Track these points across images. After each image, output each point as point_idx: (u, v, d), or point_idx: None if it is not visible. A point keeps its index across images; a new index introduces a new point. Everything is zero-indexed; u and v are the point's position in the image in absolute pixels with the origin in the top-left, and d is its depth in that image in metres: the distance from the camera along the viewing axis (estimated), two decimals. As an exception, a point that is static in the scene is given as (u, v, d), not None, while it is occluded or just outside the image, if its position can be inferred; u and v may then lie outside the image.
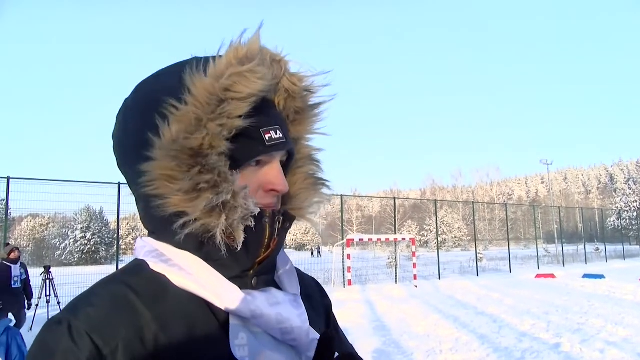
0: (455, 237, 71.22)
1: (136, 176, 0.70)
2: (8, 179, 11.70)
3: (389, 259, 26.33)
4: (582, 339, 7.38)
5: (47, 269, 11.29)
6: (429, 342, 7.63)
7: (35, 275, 12.72)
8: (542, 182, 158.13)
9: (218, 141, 0.66)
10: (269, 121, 0.73)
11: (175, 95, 0.67)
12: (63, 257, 49.43)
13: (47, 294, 11.01)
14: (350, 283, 15.76)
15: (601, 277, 17.98)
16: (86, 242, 52.59)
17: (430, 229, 65.50)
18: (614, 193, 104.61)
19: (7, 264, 8.08)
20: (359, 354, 0.76)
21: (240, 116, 0.67)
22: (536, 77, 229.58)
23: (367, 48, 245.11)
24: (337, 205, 22.75)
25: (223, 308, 0.70)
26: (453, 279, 19.75)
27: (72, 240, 52.96)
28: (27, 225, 54.12)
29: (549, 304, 11.47)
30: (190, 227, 0.67)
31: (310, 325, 0.78)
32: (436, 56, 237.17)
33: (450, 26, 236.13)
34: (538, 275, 20.04)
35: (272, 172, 0.74)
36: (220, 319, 0.71)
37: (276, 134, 0.73)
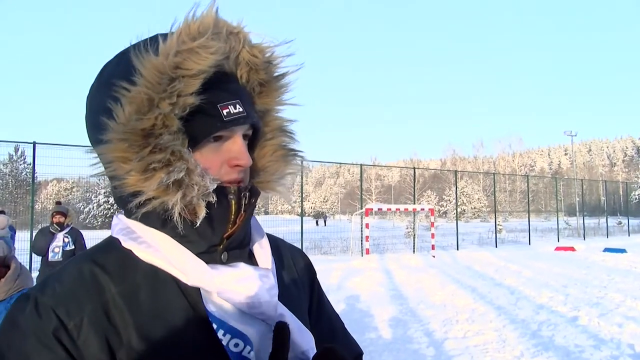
0: (475, 208, 70.79)
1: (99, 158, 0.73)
2: (34, 144, 11.93)
3: (407, 228, 26.43)
4: (601, 313, 7.36)
5: (72, 232, 11.60)
6: (445, 311, 7.69)
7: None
8: (566, 154, 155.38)
9: (171, 120, 0.66)
10: (227, 96, 0.73)
11: (127, 77, 0.67)
12: (87, 221, 50.49)
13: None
14: (368, 252, 15.87)
15: (622, 251, 17.75)
16: (109, 206, 53.54)
17: (449, 200, 65.10)
18: None
19: (51, 230, 6.45)
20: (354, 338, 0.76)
21: (192, 93, 0.67)
22: (561, 45, 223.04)
23: (387, 14, 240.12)
24: (357, 174, 22.73)
25: (189, 283, 0.72)
26: (471, 250, 19.78)
27: (95, 205, 54.08)
28: (52, 189, 55.31)
29: (567, 277, 11.41)
30: (146, 206, 0.69)
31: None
32: (458, 22, 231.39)
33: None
34: (557, 248, 19.88)
35: (234, 147, 0.75)
36: (187, 294, 0.72)
37: (235, 109, 0.72)
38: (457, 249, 19.89)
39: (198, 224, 0.71)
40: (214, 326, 0.71)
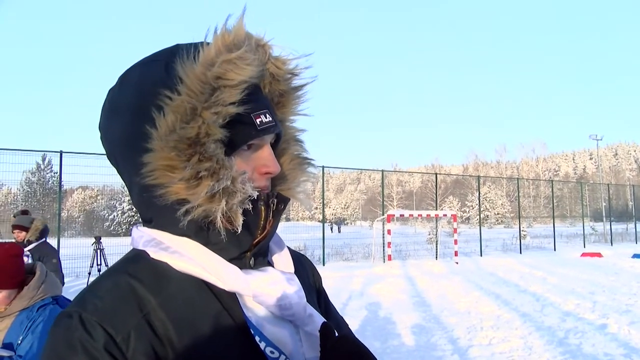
0: (498, 214, 69.76)
1: (132, 167, 0.72)
2: (60, 153, 12.26)
3: (429, 234, 26.22)
4: (631, 321, 7.18)
5: (98, 240, 11.82)
6: (469, 318, 7.61)
7: (87, 245, 13.23)
8: (591, 158, 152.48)
9: (214, 129, 0.68)
10: (259, 106, 0.75)
11: (166, 85, 0.69)
12: (111, 228, 51.18)
13: (99, 263, 11.56)
14: (390, 258, 15.76)
15: (652, 257, 17.33)
16: (133, 214, 54.00)
17: (472, 205, 64.25)
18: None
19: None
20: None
21: (233, 103, 0.69)
22: (585, 47, 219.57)
23: (407, 17, 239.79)
24: (378, 180, 22.67)
25: (226, 289, 0.74)
26: (495, 256, 19.51)
27: (119, 212, 54.78)
28: (78, 197, 56.41)
29: (595, 283, 11.18)
30: (192, 214, 0.69)
31: (307, 299, 0.83)
32: (480, 25, 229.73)
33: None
34: (584, 254, 19.46)
35: (264, 155, 0.77)
36: (222, 299, 0.74)
37: (266, 118, 0.75)
38: (481, 255, 19.67)
39: (239, 231, 0.72)
40: (251, 331, 0.74)
